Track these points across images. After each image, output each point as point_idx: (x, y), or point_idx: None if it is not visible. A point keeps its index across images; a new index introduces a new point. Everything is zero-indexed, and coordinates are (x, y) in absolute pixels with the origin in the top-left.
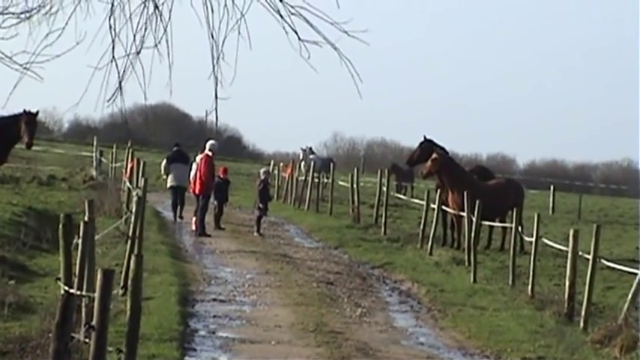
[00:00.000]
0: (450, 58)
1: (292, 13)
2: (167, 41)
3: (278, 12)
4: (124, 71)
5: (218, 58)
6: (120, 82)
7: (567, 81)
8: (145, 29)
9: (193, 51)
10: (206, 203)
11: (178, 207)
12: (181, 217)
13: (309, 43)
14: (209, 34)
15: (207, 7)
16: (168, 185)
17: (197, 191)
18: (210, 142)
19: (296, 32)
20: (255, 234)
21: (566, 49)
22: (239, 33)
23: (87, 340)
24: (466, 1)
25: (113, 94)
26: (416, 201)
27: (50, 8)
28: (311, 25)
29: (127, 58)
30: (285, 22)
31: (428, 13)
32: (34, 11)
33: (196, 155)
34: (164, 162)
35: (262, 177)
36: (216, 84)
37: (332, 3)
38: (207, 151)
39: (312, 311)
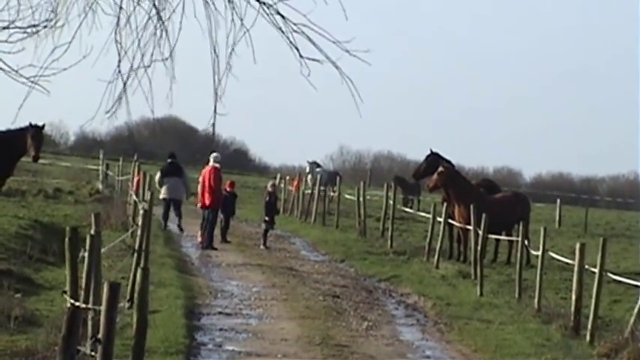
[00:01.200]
0: (456, 71)
1: (295, 31)
2: (170, 54)
3: (280, 29)
4: (124, 84)
5: (220, 74)
6: (119, 95)
7: (573, 94)
8: (154, 45)
9: (200, 64)
10: (215, 216)
11: (177, 218)
12: (182, 230)
13: (311, 60)
14: (211, 48)
15: (210, 22)
16: (161, 197)
17: (207, 204)
18: (214, 154)
19: (297, 49)
20: (262, 247)
21: (572, 63)
22: (233, 49)
23: (93, 354)
24: (472, 16)
25: (112, 107)
26: (422, 214)
27: (56, 22)
28: (313, 43)
29: (133, 72)
30: (287, 38)
31: (434, 27)
32: (41, 25)
33: (202, 168)
34: (158, 174)
35: (270, 190)
36: (216, 99)
37: (336, 22)
38: (214, 164)
39: (319, 324)
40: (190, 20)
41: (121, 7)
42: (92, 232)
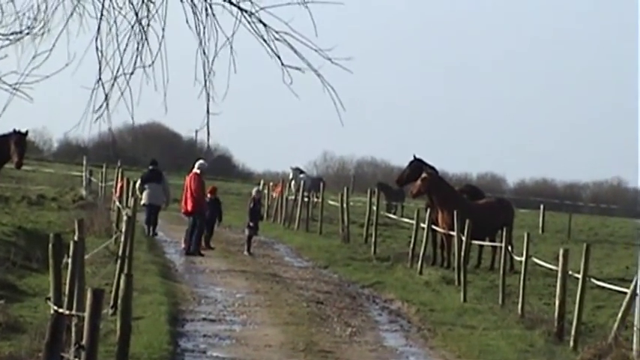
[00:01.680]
0: (440, 77)
1: (276, 39)
2: (162, 61)
3: (262, 37)
4: (108, 93)
5: (210, 74)
6: (107, 103)
7: (557, 100)
8: (138, 49)
9: (182, 71)
10: (202, 222)
11: (151, 224)
12: (155, 234)
13: (292, 68)
14: (201, 50)
15: (197, 25)
16: (142, 203)
17: (189, 210)
18: (200, 161)
19: (279, 57)
20: (245, 253)
21: (556, 69)
22: (213, 52)
23: None
24: (454, 22)
25: (99, 109)
26: (406, 220)
27: (42, 29)
28: (295, 51)
29: (115, 80)
30: (269, 47)
31: (417, 32)
32: (23, 32)
33: (187, 175)
34: (139, 181)
35: (254, 196)
36: (208, 99)
37: (318, 30)
38: (195, 170)
39: (302, 330)
40: (171, 27)
41: (102, 15)
42: (76, 238)
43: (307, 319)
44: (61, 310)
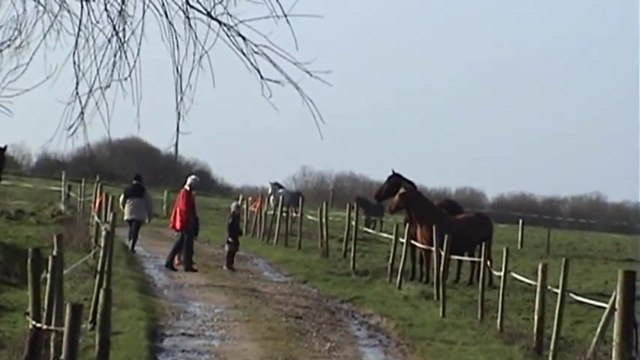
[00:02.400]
0: (418, 92)
1: (255, 52)
2: (135, 76)
3: (241, 50)
4: (84, 106)
5: (182, 93)
6: (82, 117)
7: (535, 115)
8: (114, 65)
9: (162, 85)
10: (190, 238)
11: (132, 239)
12: (133, 251)
13: (272, 82)
14: (174, 68)
15: (172, 42)
16: (124, 218)
17: (177, 226)
18: (192, 177)
19: (258, 71)
20: (225, 267)
21: (535, 84)
22: (190, 67)
23: None
24: (435, 37)
25: (72, 126)
26: (385, 235)
27: (21, 43)
28: (274, 65)
29: (90, 94)
30: (248, 60)
31: (396, 47)
32: (4, 46)
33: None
34: (122, 196)
35: (233, 211)
36: (179, 118)
37: (298, 43)
38: (186, 186)
39: (281, 345)
40: (149, 40)
41: (79, 29)
42: (54, 253)
43: (286, 334)
44: (39, 325)
